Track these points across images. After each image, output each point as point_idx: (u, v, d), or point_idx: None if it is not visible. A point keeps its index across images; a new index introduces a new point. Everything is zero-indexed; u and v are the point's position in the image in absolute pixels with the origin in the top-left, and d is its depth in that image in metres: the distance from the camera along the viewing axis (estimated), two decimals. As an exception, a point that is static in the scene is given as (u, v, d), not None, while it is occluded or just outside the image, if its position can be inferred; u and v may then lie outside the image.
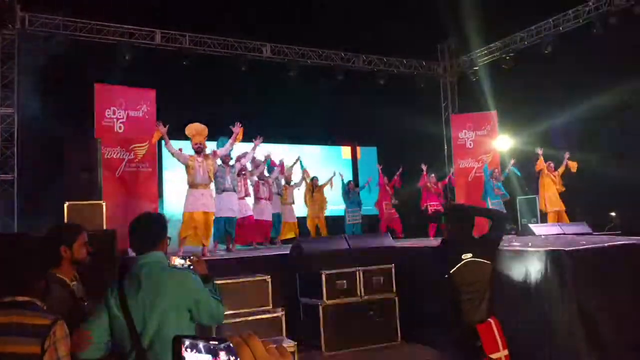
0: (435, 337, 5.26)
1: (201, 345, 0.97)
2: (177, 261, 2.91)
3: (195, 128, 7.83)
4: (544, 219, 10.63)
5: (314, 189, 10.91)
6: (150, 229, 2.76)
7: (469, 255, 3.53)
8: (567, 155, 10.72)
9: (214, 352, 0.96)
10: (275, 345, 0.97)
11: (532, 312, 4.87)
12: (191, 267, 2.91)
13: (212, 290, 2.79)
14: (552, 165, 10.75)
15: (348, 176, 14.37)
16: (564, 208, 10.50)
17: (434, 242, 8.02)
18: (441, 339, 3.79)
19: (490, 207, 10.31)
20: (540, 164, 10.74)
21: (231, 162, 8.69)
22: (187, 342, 0.99)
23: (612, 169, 9.84)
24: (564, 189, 10.61)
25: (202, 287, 2.70)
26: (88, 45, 10.49)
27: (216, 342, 0.96)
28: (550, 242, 6.40)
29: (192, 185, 7.48)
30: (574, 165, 10.60)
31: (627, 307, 4.73)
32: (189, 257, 2.95)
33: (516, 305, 4.98)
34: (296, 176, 10.96)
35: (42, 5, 10.06)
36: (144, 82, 10.61)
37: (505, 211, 9.93)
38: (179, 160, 7.58)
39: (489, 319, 3.46)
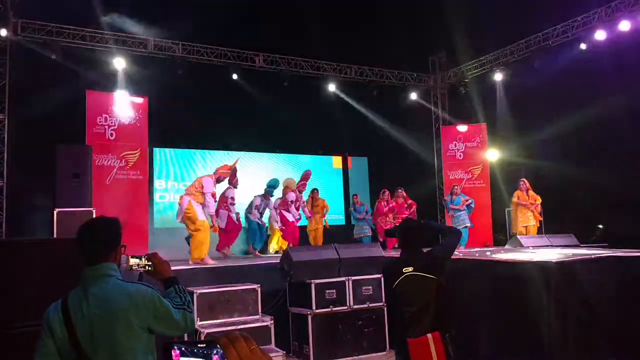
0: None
1: (193, 350, 0.98)
2: (133, 261, 2.52)
3: (235, 166, 9.13)
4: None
5: (314, 200, 11.07)
6: (101, 236, 2.40)
7: (410, 268, 3.49)
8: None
9: (207, 357, 0.96)
10: (259, 346, 0.98)
11: (520, 322, 4.90)
12: (149, 267, 2.52)
13: (175, 296, 2.45)
14: (526, 184, 10.57)
15: (339, 186, 14.40)
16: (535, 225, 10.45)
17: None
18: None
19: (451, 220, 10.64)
20: (519, 198, 10.52)
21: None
22: (178, 349, 0.99)
23: (600, 181, 9.91)
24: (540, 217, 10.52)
25: (161, 301, 2.34)
26: (80, 53, 10.47)
27: (204, 345, 0.97)
28: (539, 253, 6.45)
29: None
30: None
31: (614, 316, 4.78)
32: (146, 256, 2.53)
33: (504, 315, 5.02)
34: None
35: (35, 12, 10.04)
36: (136, 89, 10.62)
37: (463, 225, 10.23)
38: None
39: (427, 334, 3.36)
